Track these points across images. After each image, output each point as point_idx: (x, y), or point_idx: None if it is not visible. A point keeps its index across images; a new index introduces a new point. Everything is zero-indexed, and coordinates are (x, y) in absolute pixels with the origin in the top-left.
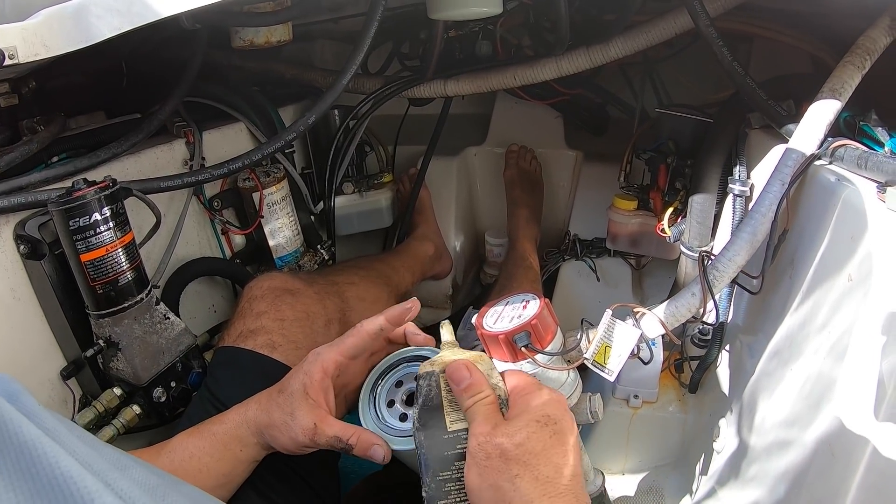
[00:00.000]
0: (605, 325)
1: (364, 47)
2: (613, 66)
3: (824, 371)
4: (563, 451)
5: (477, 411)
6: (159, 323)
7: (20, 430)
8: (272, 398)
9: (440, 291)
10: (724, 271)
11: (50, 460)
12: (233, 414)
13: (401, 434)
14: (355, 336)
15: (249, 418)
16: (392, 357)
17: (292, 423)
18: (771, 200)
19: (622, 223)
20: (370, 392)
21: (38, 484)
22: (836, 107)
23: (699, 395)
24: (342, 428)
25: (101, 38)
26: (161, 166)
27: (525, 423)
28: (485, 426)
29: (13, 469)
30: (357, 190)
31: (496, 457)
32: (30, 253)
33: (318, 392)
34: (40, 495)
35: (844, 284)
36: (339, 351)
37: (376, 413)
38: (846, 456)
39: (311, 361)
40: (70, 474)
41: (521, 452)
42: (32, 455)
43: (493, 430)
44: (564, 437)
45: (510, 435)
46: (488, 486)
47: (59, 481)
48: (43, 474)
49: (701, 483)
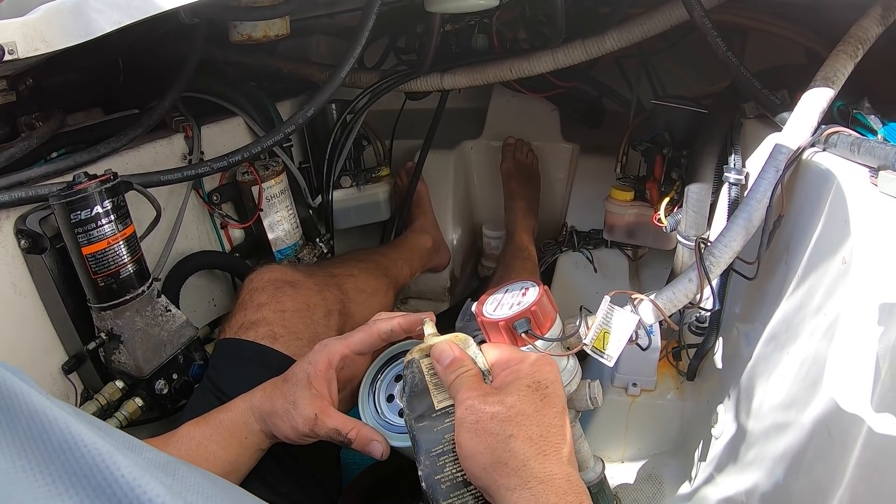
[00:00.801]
0: (604, 311)
1: (362, 41)
2: (609, 58)
3: (820, 353)
4: (554, 412)
5: (461, 383)
6: (161, 315)
7: (30, 400)
8: (277, 386)
9: (438, 284)
10: (720, 257)
11: (61, 426)
12: (239, 402)
13: (400, 430)
14: (366, 332)
15: (254, 406)
16: (390, 351)
17: (294, 412)
18: (766, 187)
19: (619, 214)
20: (370, 386)
21: (49, 448)
22: (830, 95)
23: (697, 382)
24: (342, 421)
25: (100, 33)
26: (160, 161)
27: (516, 388)
28: (471, 393)
29: (25, 435)
30: (355, 184)
31: (487, 419)
32: (31, 247)
33: (322, 382)
34: (51, 458)
35: (839, 268)
36: (347, 344)
37: (376, 408)
38: (843, 435)
39: (318, 352)
40: (82, 438)
41: (514, 414)
42: (43, 422)
43: (481, 396)
44: (555, 399)
45: (501, 400)
46: (482, 450)
47: (71, 444)
48: (54, 438)
49: (700, 469)
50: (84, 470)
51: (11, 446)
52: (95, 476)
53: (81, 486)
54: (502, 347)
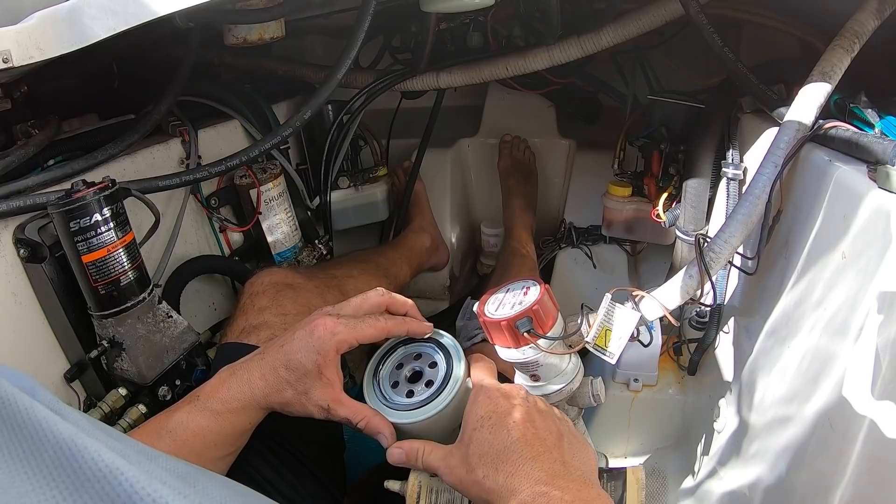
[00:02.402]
0: (605, 308)
1: (358, 41)
2: (604, 54)
3: (821, 347)
4: (505, 434)
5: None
6: (162, 321)
7: (55, 428)
8: (279, 375)
9: (438, 283)
10: (720, 253)
11: (92, 454)
12: (235, 392)
13: (405, 407)
14: (376, 330)
15: (258, 397)
16: (391, 342)
17: (307, 402)
18: (765, 182)
19: (617, 210)
20: (373, 377)
21: (80, 478)
22: (827, 89)
23: (698, 376)
24: (354, 412)
25: (95, 39)
26: (157, 166)
27: (467, 439)
28: (442, 462)
29: (52, 465)
30: (352, 184)
31: (463, 475)
32: (30, 256)
33: (332, 371)
34: (84, 488)
35: (838, 262)
36: (357, 337)
37: (382, 395)
38: (845, 428)
39: (326, 340)
40: (114, 467)
41: (475, 460)
42: (73, 450)
43: (445, 459)
44: (503, 423)
45: (459, 454)
46: (473, 497)
47: (104, 473)
48: (86, 468)
49: (703, 463)
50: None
51: (19, 462)
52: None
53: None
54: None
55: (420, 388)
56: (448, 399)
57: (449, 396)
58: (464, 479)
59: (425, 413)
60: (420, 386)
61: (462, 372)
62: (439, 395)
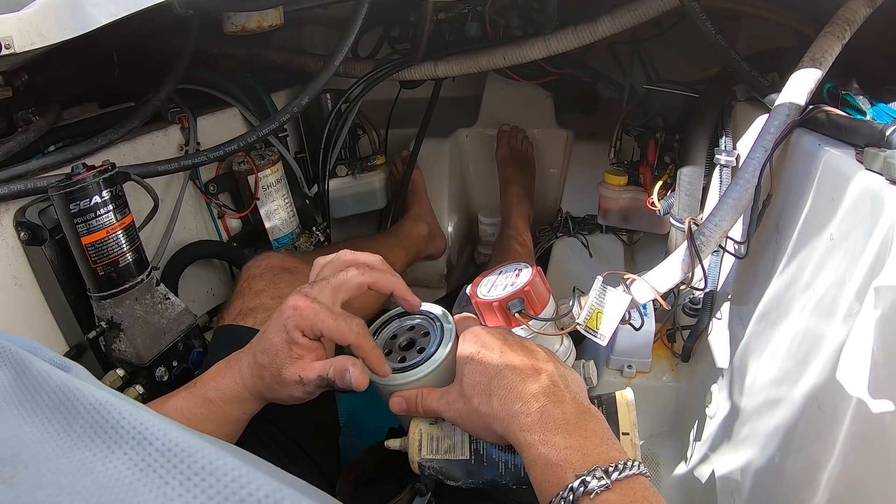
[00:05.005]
0: (597, 291)
1: (354, 30)
2: (602, 45)
3: (810, 328)
4: (494, 362)
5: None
6: (160, 303)
7: (50, 378)
8: (256, 361)
9: (435, 271)
10: (710, 236)
11: (84, 392)
12: (228, 381)
13: (402, 370)
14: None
15: (249, 386)
16: (385, 316)
17: (283, 382)
18: (754, 166)
19: (613, 198)
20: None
21: (72, 413)
22: (817, 75)
23: (691, 363)
24: (321, 366)
25: (96, 26)
26: (157, 152)
27: (460, 374)
28: (440, 401)
29: (47, 406)
30: (350, 172)
31: (461, 407)
32: (30, 239)
33: (303, 347)
34: (76, 420)
35: (827, 244)
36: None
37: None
38: (833, 408)
39: (292, 318)
40: (105, 401)
41: (469, 391)
42: (65, 392)
43: (443, 397)
44: (490, 353)
45: (455, 390)
46: (474, 428)
47: (94, 406)
48: (77, 405)
49: (695, 449)
50: (89, 414)
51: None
52: (103, 418)
53: (109, 437)
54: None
55: (413, 355)
56: (440, 359)
57: (441, 356)
58: (462, 412)
59: (418, 373)
60: (413, 353)
61: (453, 332)
62: (432, 356)
